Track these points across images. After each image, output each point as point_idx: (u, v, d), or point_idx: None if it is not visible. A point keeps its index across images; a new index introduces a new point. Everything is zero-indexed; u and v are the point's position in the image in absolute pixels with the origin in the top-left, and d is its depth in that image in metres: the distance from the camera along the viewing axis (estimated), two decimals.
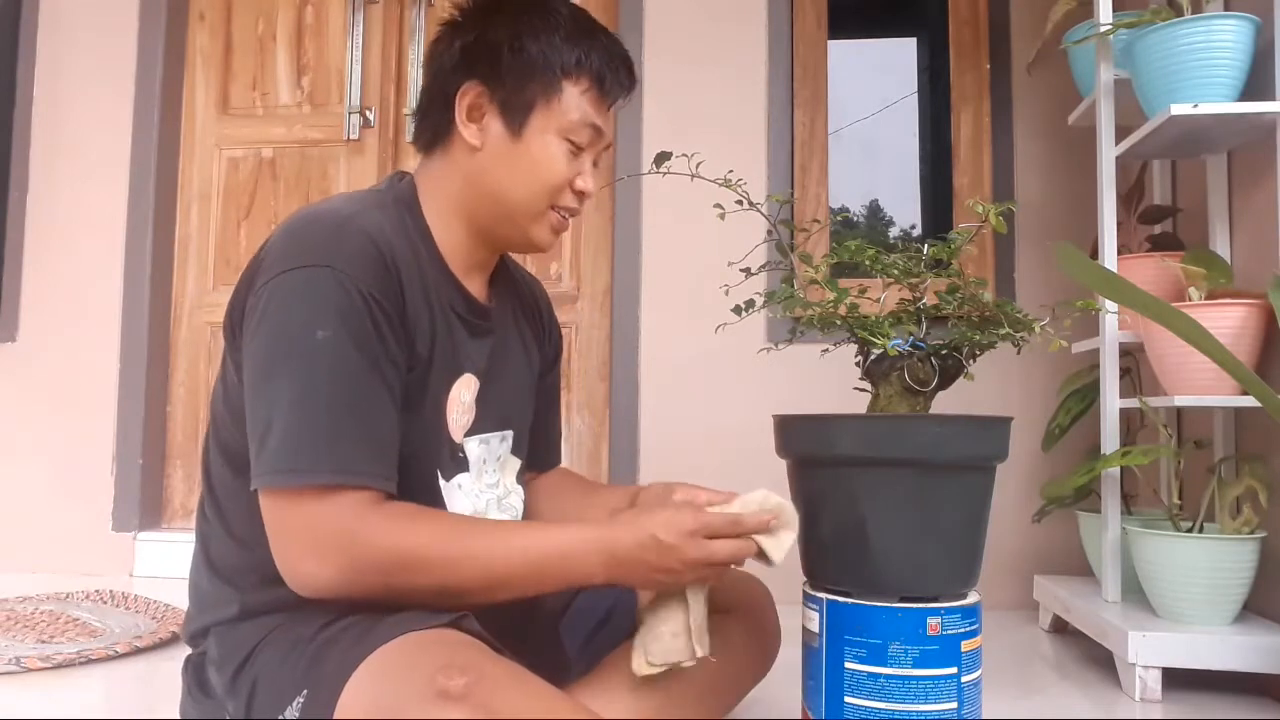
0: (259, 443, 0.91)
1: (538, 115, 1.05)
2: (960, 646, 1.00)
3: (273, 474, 0.90)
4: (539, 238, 1.10)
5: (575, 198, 1.10)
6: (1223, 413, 1.82)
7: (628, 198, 2.53)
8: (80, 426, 2.64)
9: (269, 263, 0.96)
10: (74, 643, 1.76)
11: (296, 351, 0.91)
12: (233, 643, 1.00)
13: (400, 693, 0.80)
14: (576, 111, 1.06)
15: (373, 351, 0.93)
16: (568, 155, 1.07)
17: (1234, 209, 1.87)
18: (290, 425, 0.90)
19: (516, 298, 1.24)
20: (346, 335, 0.91)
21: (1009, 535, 2.27)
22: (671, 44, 2.55)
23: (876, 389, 1.12)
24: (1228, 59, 1.67)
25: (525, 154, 1.05)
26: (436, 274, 1.06)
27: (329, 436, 0.90)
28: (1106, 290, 1.26)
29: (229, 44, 2.81)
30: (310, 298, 0.92)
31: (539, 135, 1.05)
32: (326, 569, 0.90)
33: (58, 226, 2.71)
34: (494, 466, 1.15)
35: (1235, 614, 1.61)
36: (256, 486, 0.91)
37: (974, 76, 2.49)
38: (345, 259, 0.94)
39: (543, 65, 1.05)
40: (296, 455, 0.89)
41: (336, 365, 0.91)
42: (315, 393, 0.90)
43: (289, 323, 0.92)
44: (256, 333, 0.94)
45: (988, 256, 2.40)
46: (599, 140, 1.10)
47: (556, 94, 1.05)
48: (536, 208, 1.07)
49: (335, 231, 0.96)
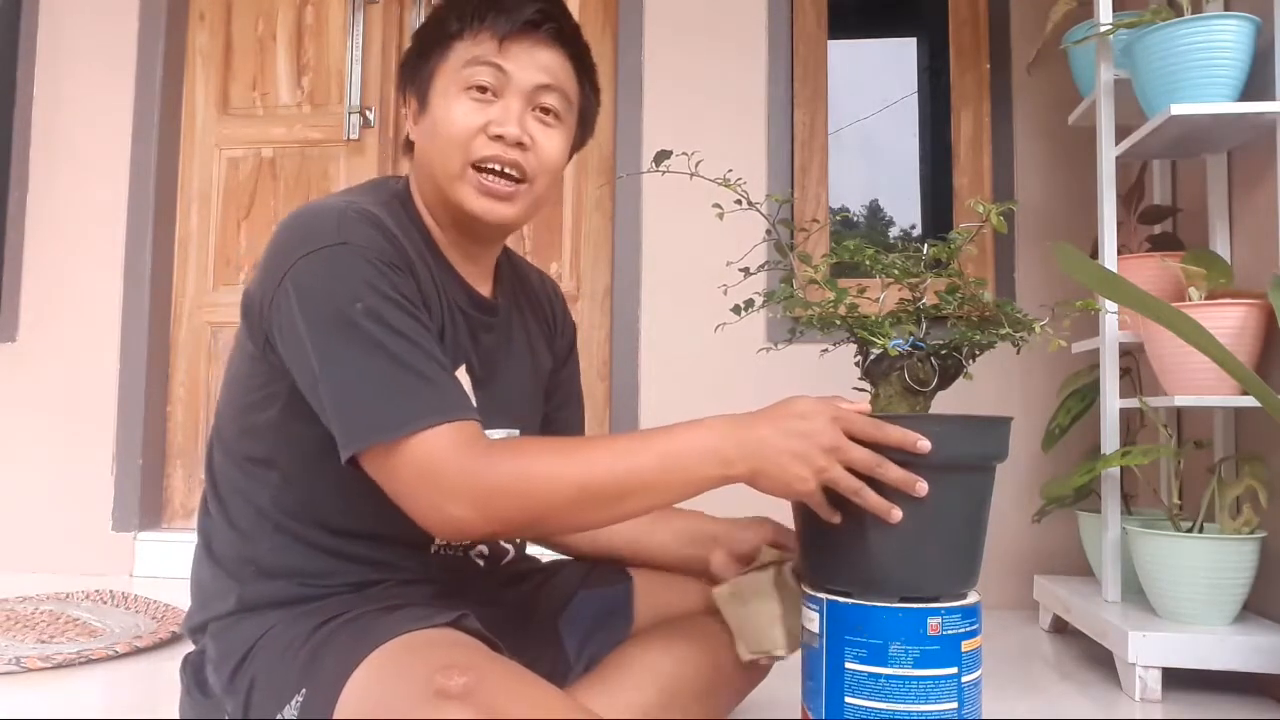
0: (343, 415, 0.91)
1: (436, 82, 1.06)
2: (961, 646, 0.99)
3: (365, 437, 0.89)
4: (468, 203, 1.05)
5: (490, 143, 1.03)
6: (1223, 413, 1.82)
7: (628, 197, 2.53)
8: (80, 426, 2.64)
9: (282, 255, 0.97)
10: (74, 643, 1.76)
11: (344, 326, 0.91)
12: (230, 641, 1.00)
13: (399, 692, 0.80)
14: (465, 56, 1.04)
15: (407, 308, 0.94)
16: (474, 105, 1.04)
17: (1234, 209, 1.87)
18: (364, 390, 0.90)
19: (524, 294, 1.23)
20: (382, 299, 0.92)
21: (1009, 535, 2.27)
22: (671, 44, 2.55)
23: (876, 389, 1.12)
24: (1228, 59, 1.67)
25: (432, 121, 1.06)
26: (439, 266, 1.07)
27: (405, 388, 0.90)
28: (1106, 290, 1.26)
29: (229, 44, 2.82)
30: (337, 274, 0.93)
31: (439, 98, 1.05)
32: (461, 509, 0.88)
33: (58, 226, 2.71)
34: None
35: (1235, 614, 1.61)
36: (352, 453, 0.90)
37: (974, 76, 2.49)
38: (356, 236, 0.95)
39: (434, 38, 1.07)
40: (382, 413, 0.89)
41: (387, 326, 0.91)
42: (375, 356, 0.90)
43: (326, 302, 0.92)
44: (297, 323, 0.94)
45: (988, 256, 2.40)
46: (507, 80, 1.04)
47: (448, 55, 1.06)
48: (451, 169, 1.04)
49: (340, 216, 0.97)
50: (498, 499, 0.89)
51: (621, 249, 2.54)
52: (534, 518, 0.90)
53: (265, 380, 1.01)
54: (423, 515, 0.90)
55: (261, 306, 0.99)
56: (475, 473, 0.88)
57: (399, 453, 0.89)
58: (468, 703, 0.77)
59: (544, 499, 0.90)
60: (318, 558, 1.02)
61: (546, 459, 0.91)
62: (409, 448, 0.88)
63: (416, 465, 0.89)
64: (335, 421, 0.92)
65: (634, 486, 0.90)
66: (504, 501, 0.89)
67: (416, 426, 0.88)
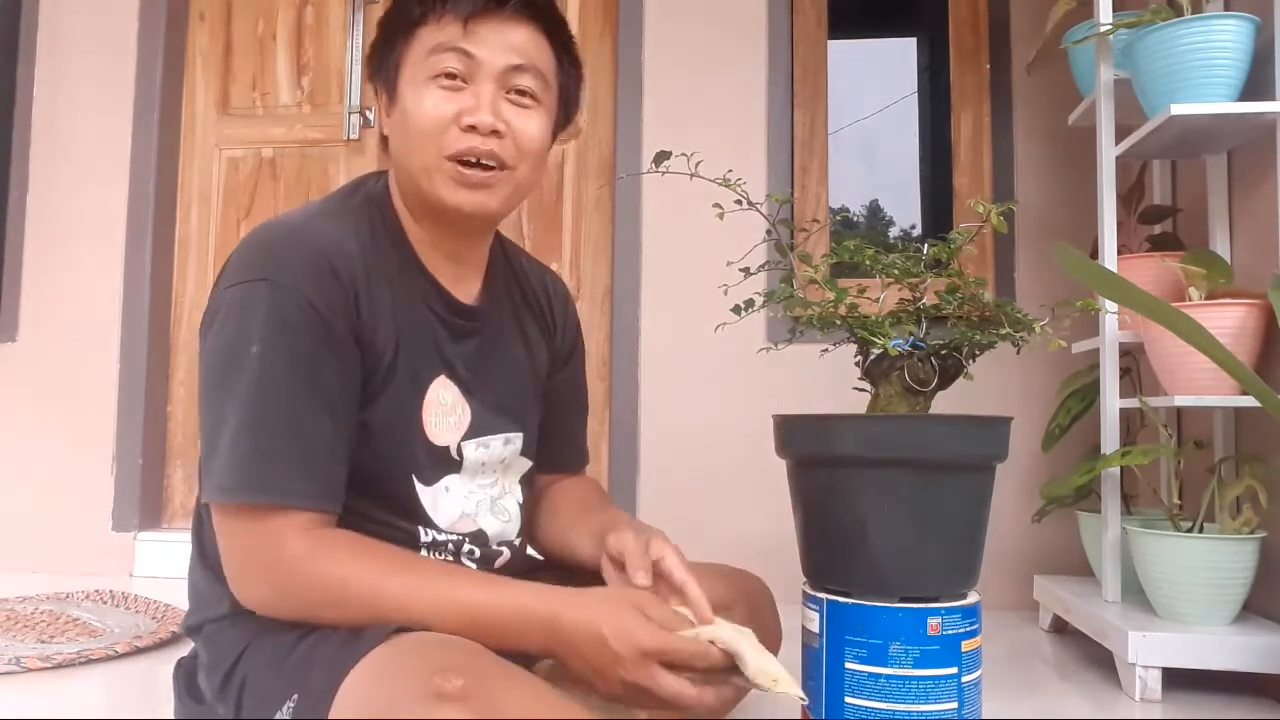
0: (205, 457, 0.94)
1: (403, 75, 1.02)
2: (960, 646, 0.99)
3: (210, 490, 0.92)
4: (447, 197, 1.00)
5: (464, 135, 0.99)
6: (1223, 413, 1.82)
7: (628, 198, 2.53)
8: (80, 426, 2.64)
9: (223, 277, 0.98)
10: (74, 643, 1.76)
11: (233, 368, 0.91)
12: (221, 646, 0.99)
13: (397, 694, 0.80)
14: (430, 43, 1.00)
15: (311, 365, 0.92)
16: (443, 94, 0.99)
17: (1234, 209, 1.87)
18: (226, 442, 0.91)
19: (519, 292, 1.20)
20: (281, 349, 0.91)
21: (1009, 535, 2.27)
22: (671, 44, 2.55)
23: (876, 389, 1.12)
24: (1228, 59, 1.67)
25: (402, 116, 1.02)
26: (410, 274, 1.04)
27: (259, 456, 0.90)
28: (1106, 290, 1.26)
29: (229, 44, 2.81)
30: (246, 313, 0.92)
31: (409, 90, 1.01)
32: (257, 589, 0.92)
33: (58, 226, 2.71)
34: (494, 469, 1.13)
35: (1235, 614, 1.61)
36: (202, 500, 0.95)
37: (974, 77, 2.49)
38: (285, 271, 0.93)
39: (395, 29, 1.03)
40: (228, 474, 0.90)
41: (269, 382, 0.90)
42: (249, 410, 0.90)
43: (227, 339, 0.93)
44: (202, 350, 0.96)
45: (988, 256, 2.40)
46: (477, 65, 0.99)
47: (411, 44, 1.01)
48: (425, 162, 1.00)
49: (281, 243, 0.95)
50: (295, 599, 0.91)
51: (621, 249, 2.54)
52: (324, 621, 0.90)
53: None
54: (230, 580, 0.94)
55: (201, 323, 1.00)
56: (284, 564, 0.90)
57: (232, 516, 0.92)
58: (466, 704, 0.77)
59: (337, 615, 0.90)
60: None
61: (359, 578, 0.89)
62: (239, 516, 0.91)
63: (238, 536, 0.92)
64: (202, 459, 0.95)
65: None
66: (298, 603, 0.91)
67: (247, 499, 0.90)
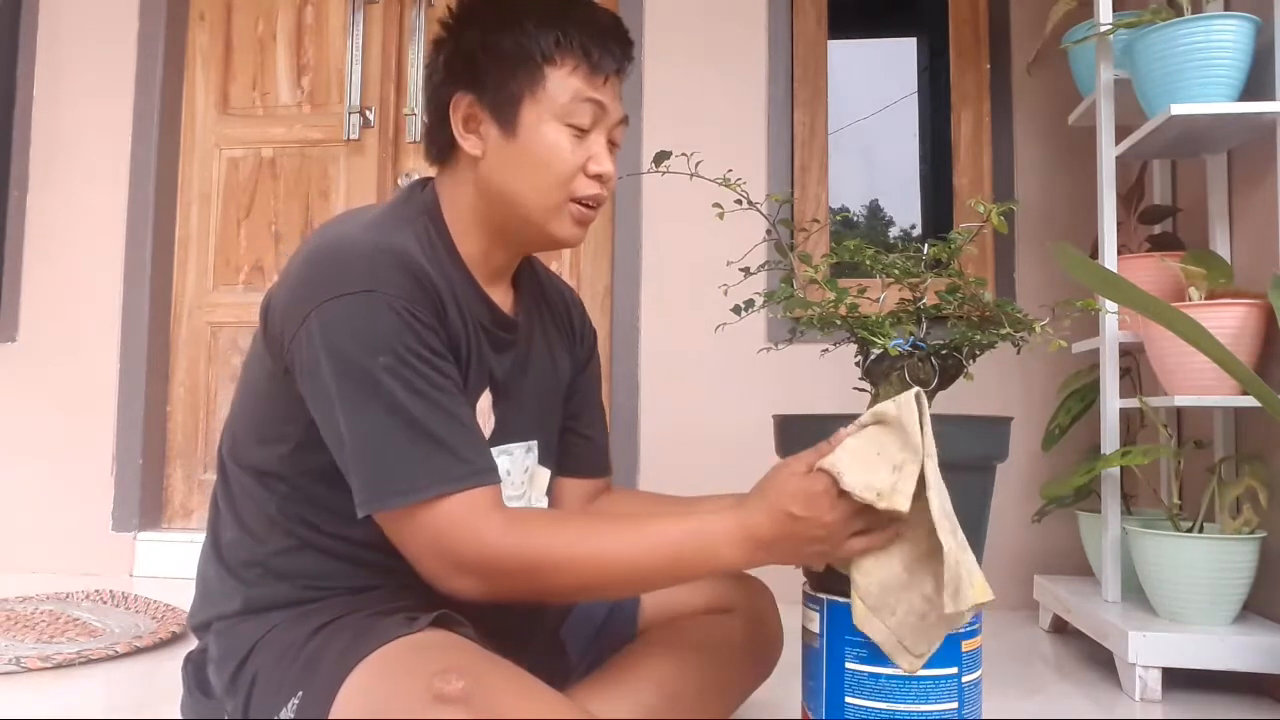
0: (360, 472, 0.92)
1: (527, 108, 1.01)
2: (960, 646, 0.99)
3: (380, 499, 0.91)
4: (562, 234, 1.05)
5: (592, 183, 1.04)
6: (1223, 413, 1.82)
7: (627, 198, 2.53)
8: (80, 426, 2.64)
9: (310, 290, 0.95)
10: (74, 643, 1.76)
11: (368, 382, 0.91)
12: (232, 641, 1.00)
13: (398, 695, 0.80)
14: (566, 93, 1.01)
15: (437, 365, 0.94)
16: (571, 140, 1.02)
17: (1234, 209, 1.87)
18: (382, 450, 0.90)
19: (545, 304, 1.22)
20: (407, 353, 0.92)
21: (1009, 535, 2.27)
22: (671, 44, 2.55)
23: (876, 389, 1.12)
24: (1228, 59, 1.67)
25: (525, 151, 1.02)
26: (464, 287, 1.05)
27: (421, 452, 0.90)
28: (1106, 290, 1.26)
29: (229, 44, 2.81)
30: (363, 325, 0.92)
31: (534, 128, 1.01)
32: (470, 582, 0.91)
33: (58, 226, 2.71)
34: (521, 478, 1.14)
35: (1235, 614, 1.61)
36: (368, 512, 0.92)
37: (974, 76, 2.49)
38: (385, 282, 0.93)
39: (519, 57, 1.01)
40: (396, 478, 0.90)
41: (409, 384, 0.91)
42: (398, 415, 0.90)
43: (350, 354, 0.92)
44: (319, 368, 0.93)
45: (988, 256, 2.40)
46: (604, 116, 1.04)
47: (541, 81, 1.01)
48: (550, 203, 1.03)
49: (369, 254, 0.95)
50: (505, 577, 0.91)
51: (621, 249, 2.54)
52: (537, 596, 0.93)
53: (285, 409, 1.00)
54: (431, 578, 0.92)
55: (283, 336, 0.97)
56: (487, 547, 0.90)
57: (412, 518, 0.90)
58: (467, 706, 0.77)
59: (550, 584, 0.91)
60: (325, 561, 1.02)
61: (561, 544, 0.92)
62: (421, 514, 0.90)
63: (427, 533, 0.90)
64: (353, 477, 0.92)
65: (639, 584, 0.94)
66: (511, 580, 0.91)
67: (430, 494, 0.89)
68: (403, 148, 2.73)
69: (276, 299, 1.00)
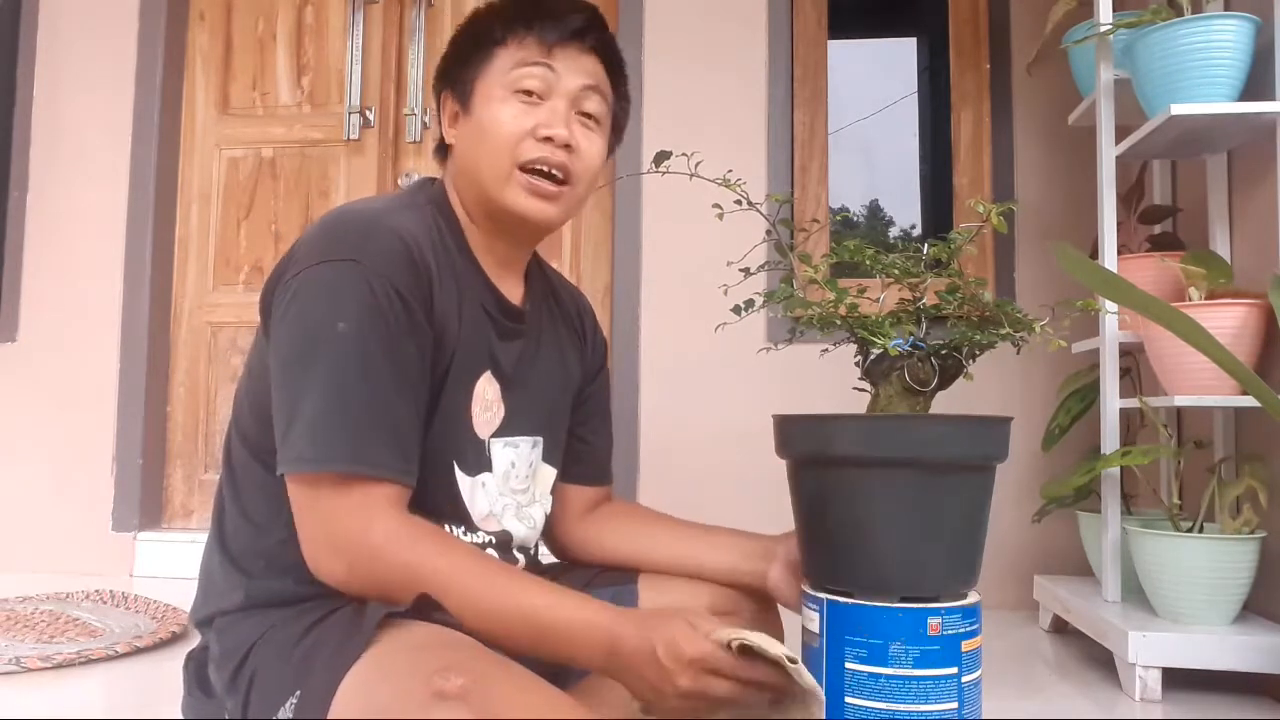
0: (283, 429, 0.93)
1: (479, 86, 1.07)
2: (961, 646, 0.99)
3: (293, 461, 0.92)
4: (516, 205, 1.05)
5: (539, 145, 1.04)
6: (1223, 413, 1.82)
7: (627, 198, 2.53)
8: (80, 426, 2.64)
9: (299, 256, 0.98)
10: (74, 643, 1.76)
11: (320, 341, 0.92)
12: (232, 639, 1.00)
13: (397, 693, 0.80)
14: (511, 60, 1.06)
15: (394, 346, 0.94)
16: (520, 108, 1.05)
17: (1234, 209, 1.87)
18: (311, 414, 0.91)
19: (556, 304, 1.23)
20: (369, 328, 0.93)
21: (1009, 535, 2.27)
22: (671, 44, 2.55)
23: (876, 389, 1.12)
24: (1228, 59, 1.67)
25: (475, 124, 1.06)
26: (469, 272, 1.07)
27: (347, 426, 0.91)
28: (1106, 290, 1.26)
29: (229, 44, 2.82)
30: (335, 291, 0.94)
31: (484, 103, 1.06)
32: (338, 565, 0.92)
33: (58, 226, 2.71)
34: (525, 472, 1.14)
35: (1235, 614, 1.61)
36: (280, 471, 0.93)
37: (974, 76, 2.49)
38: (372, 255, 0.95)
39: (475, 44, 1.08)
40: (315, 444, 0.91)
41: (356, 357, 0.92)
42: (335, 383, 0.92)
43: (313, 315, 0.94)
44: (282, 324, 0.96)
45: (988, 256, 2.40)
46: (557, 81, 1.06)
47: (492, 60, 1.07)
48: (499, 171, 1.05)
49: (365, 228, 0.98)
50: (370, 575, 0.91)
51: (621, 249, 2.54)
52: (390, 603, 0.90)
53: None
54: (307, 555, 0.93)
55: (267, 295, 1.00)
56: (369, 539, 0.90)
57: (314, 487, 0.92)
58: (466, 703, 0.77)
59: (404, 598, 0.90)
60: None
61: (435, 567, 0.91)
62: (324, 486, 0.91)
63: (322, 508, 0.91)
64: (277, 431, 0.94)
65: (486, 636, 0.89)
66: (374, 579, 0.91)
67: (339, 469, 0.90)
68: (403, 148, 2.73)
69: (275, 269, 1.03)
